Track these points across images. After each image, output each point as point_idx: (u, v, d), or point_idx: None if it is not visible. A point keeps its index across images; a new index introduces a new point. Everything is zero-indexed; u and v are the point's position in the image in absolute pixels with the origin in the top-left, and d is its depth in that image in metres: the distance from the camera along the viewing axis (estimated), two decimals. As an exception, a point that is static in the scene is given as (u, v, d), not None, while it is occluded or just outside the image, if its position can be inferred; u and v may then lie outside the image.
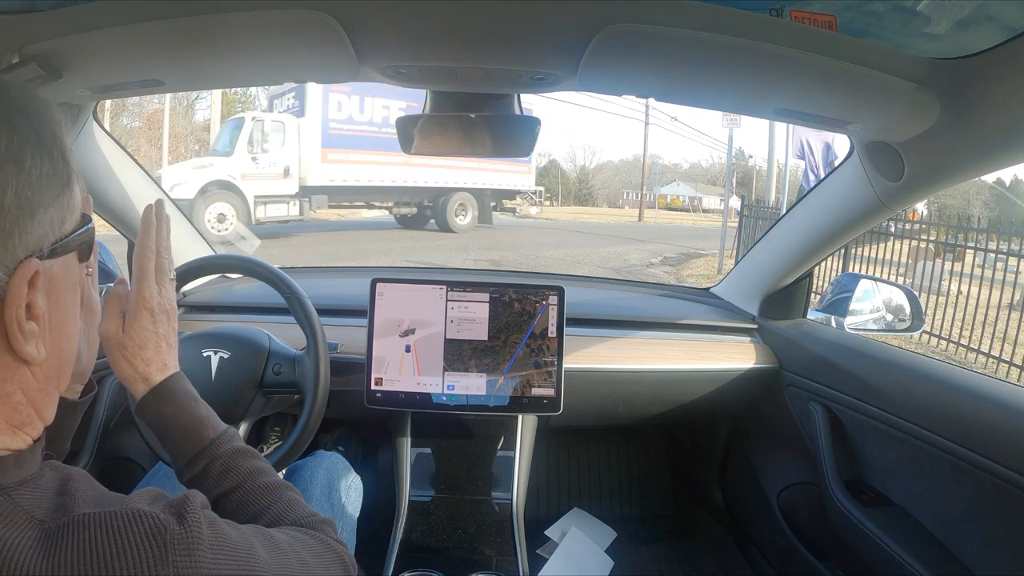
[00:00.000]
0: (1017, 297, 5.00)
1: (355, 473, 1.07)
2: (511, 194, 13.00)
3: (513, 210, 14.18)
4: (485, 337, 1.09)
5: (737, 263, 1.54)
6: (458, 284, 1.09)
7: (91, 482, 0.40)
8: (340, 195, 10.51)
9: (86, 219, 0.43)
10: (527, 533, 1.12)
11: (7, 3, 0.63)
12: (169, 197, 1.22)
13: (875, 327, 1.30)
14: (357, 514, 1.03)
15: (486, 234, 11.95)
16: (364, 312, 1.09)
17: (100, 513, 0.35)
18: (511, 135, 0.89)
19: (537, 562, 1.41)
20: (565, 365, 1.09)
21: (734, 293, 1.44)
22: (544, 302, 1.09)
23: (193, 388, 0.62)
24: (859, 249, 6.06)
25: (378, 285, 1.09)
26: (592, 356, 1.22)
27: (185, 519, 0.37)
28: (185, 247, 1.26)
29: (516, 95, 0.87)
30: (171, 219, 1.25)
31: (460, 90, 0.85)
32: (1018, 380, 4.04)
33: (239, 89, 21.51)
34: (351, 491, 1.03)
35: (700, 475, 1.62)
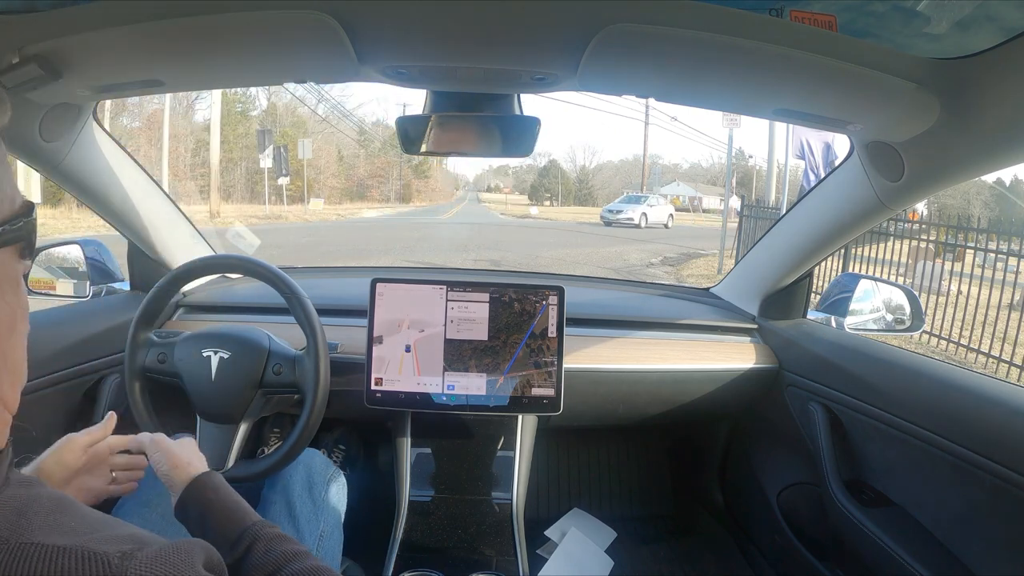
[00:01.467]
0: (1017, 297, 5.00)
1: (338, 470, 1.06)
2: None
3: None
4: (485, 337, 1.09)
5: (737, 263, 1.54)
6: (458, 284, 1.09)
7: (62, 506, 0.36)
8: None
9: (22, 211, 0.36)
10: (527, 533, 1.12)
11: (7, 3, 0.63)
12: (169, 197, 1.22)
13: (875, 327, 1.30)
14: (343, 509, 1.01)
15: (486, 234, 11.95)
16: (364, 312, 1.09)
17: (49, 547, 0.32)
18: (511, 135, 0.89)
19: (537, 562, 1.41)
20: (565, 365, 1.09)
21: (734, 293, 1.44)
22: (544, 302, 1.09)
23: (230, 487, 0.67)
24: (859, 249, 6.06)
25: (378, 285, 1.09)
26: (592, 356, 1.22)
27: (133, 562, 0.33)
28: (185, 247, 1.26)
29: (516, 95, 0.87)
30: (171, 219, 1.26)
31: (460, 90, 0.85)
32: (1018, 380, 4.04)
33: (239, 89, 21.54)
34: (332, 486, 1.02)
35: (700, 475, 1.62)
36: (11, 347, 0.37)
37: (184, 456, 0.69)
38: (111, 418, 0.75)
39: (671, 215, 20.24)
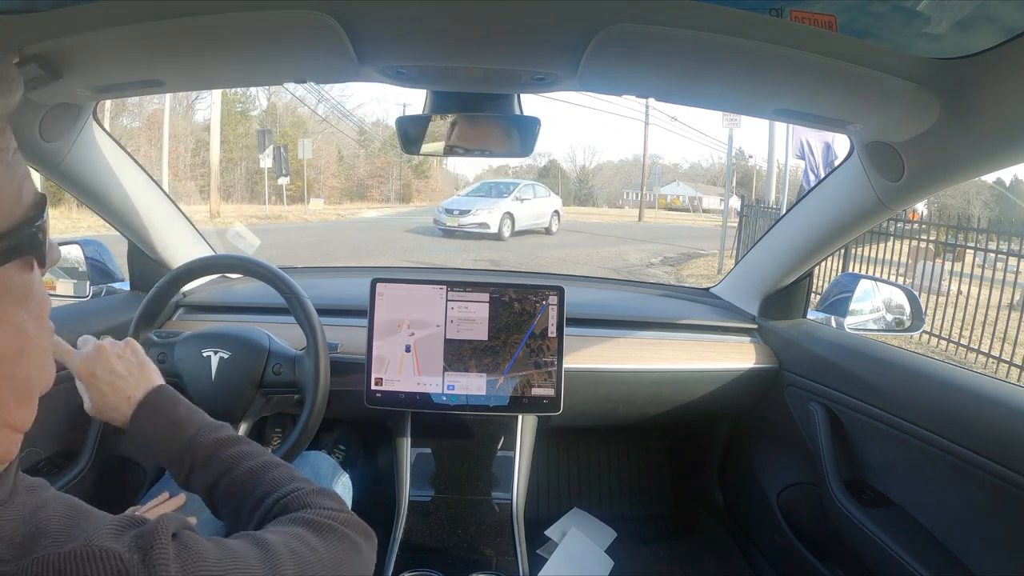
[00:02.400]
0: (1017, 297, 5.00)
1: (342, 471, 1.07)
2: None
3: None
4: (485, 337, 1.09)
5: (737, 263, 1.54)
6: (458, 284, 1.09)
7: (69, 510, 0.35)
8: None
9: (32, 214, 0.33)
10: (527, 533, 1.12)
11: (7, 3, 0.63)
12: (169, 197, 1.22)
13: (875, 327, 1.30)
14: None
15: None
16: (364, 312, 1.09)
17: (58, 555, 0.31)
18: (511, 135, 0.89)
19: (537, 562, 1.41)
20: (565, 365, 1.09)
21: (734, 293, 1.44)
22: (544, 302, 1.09)
23: (175, 394, 0.64)
24: (859, 249, 6.06)
25: (378, 285, 1.09)
26: (592, 356, 1.22)
27: (151, 555, 0.33)
28: (185, 247, 1.26)
29: (516, 95, 0.87)
30: (171, 218, 1.26)
31: (460, 90, 0.85)
32: (1018, 380, 4.04)
33: (239, 89, 21.53)
34: (338, 489, 1.03)
35: (700, 475, 1.62)
36: (20, 370, 0.34)
37: (109, 401, 0.63)
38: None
39: (556, 212, 13.59)
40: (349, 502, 1.05)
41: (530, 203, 12.66)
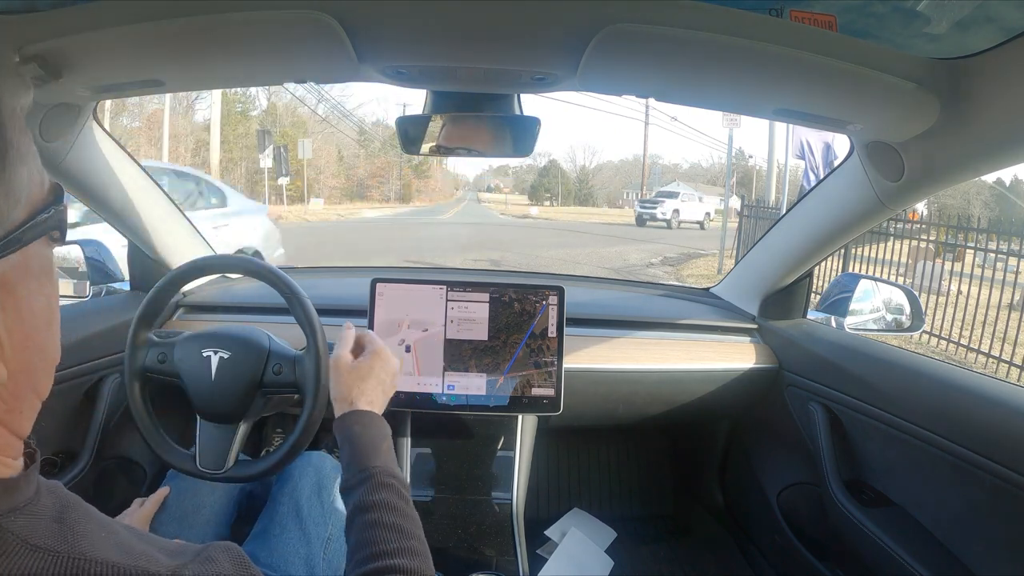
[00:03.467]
0: (1017, 297, 5.00)
1: None
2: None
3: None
4: (485, 337, 1.08)
5: (737, 263, 1.54)
6: (458, 284, 1.09)
7: (90, 513, 0.37)
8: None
9: (52, 196, 0.35)
10: (527, 533, 1.12)
11: (7, 3, 0.63)
12: (169, 197, 1.22)
13: (875, 327, 1.30)
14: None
15: (486, 233, 11.95)
16: (364, 312, 1.09)
17: (105, 565, 0.32)
18: (511, 135, 0.89)
19: (537, 562, 1.41)
20: (565, 365, 1.09)
21: (734, 293, 1.44)
22: (544, 302, 1.09)
23: (386, 431, 0.72)
24: (859, 249, 6.06)
25: (378, 285, 1.09)
26: (592, 356, 1.22)
27: None
28: (185, 247, 1.26)
29: (516, 95, 0.87)
30: (172, 218, 1.26)
31: (460, 90, 0.85)
32: (1018, 380, 4.04)
33: (239, 89, 21.53)
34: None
35: (700, 475, 1.62)
36: (49, 338, 0.37)
37: (357, 388, 0.76)
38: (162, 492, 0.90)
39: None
40: None
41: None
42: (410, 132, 0.89)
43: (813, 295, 1.34)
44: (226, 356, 0.93)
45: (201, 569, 0.36)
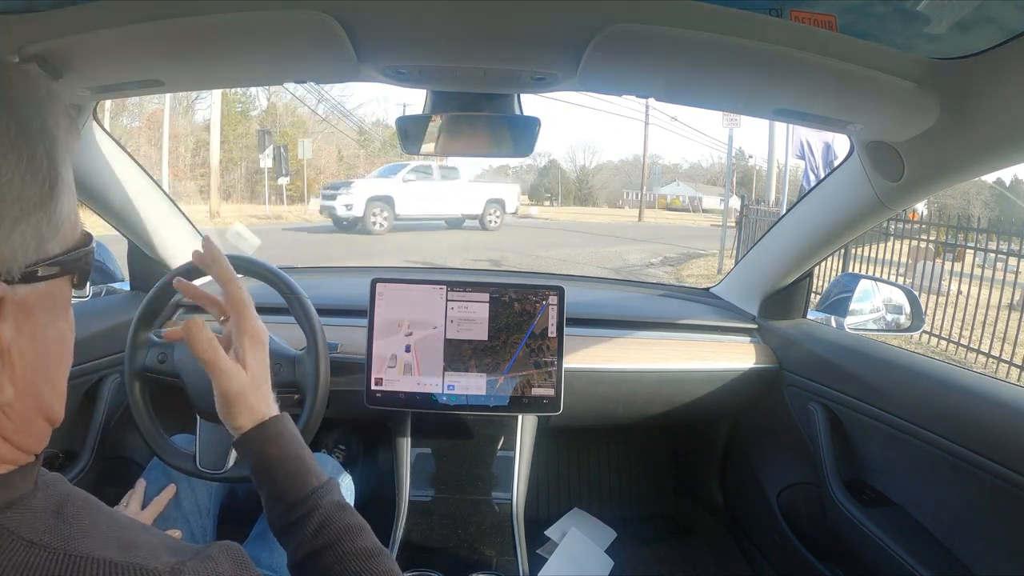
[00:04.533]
0: (1017, 297, 5.00)
1: (346, 473, 1.07)
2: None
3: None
4: (485, 337, 1.08)
5: (737, 263, 1.54)
6: (458, 284, 1.09)
7: (90, 505, 0.37)
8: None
9: (85, 240, 0.37)
10: (527, 533, 1.12)
11: (7, 3, 0.63)
12: (169, 197, 1.22)
13: (875, 327, 1.30)
14: None
15: (486, 233, 11.95)
16: (364, 312, 1.09)
17: (102, 562, 0.32)
18: (511, 135, 0.89)
19: (537, 562, 1.41)
20: (565, 365, 1.09)
21: (734, 293, 1.44)
22: (544, 302, 1.09)
23: (299, 432, 0.60)
24: (859, 249, 6.06)
25: (378, 285, 1.09)
26: (592, 356, 1.22)
27: None
28: (185, 247, 1.26)
29: (516, 95, 0.87)
30: (172, 218, 1.26)
31: (460, 90, 0.85)
32: (1018, 380, 4.04)
33: (239, 89, 21.53)
34: (342, 491, 1.03)
35: (700, 475, 1.62)
36: (59, 369, 0.38)
37: (254, 398, 0.57)
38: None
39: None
40: (352, 503, 1.05)
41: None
42: (410, 132, 0.89)
43: (813, 295, 1.34)
44: None
45: (200, 567, 0.36)
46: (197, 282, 1.31)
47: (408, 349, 1.08)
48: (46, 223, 0.33)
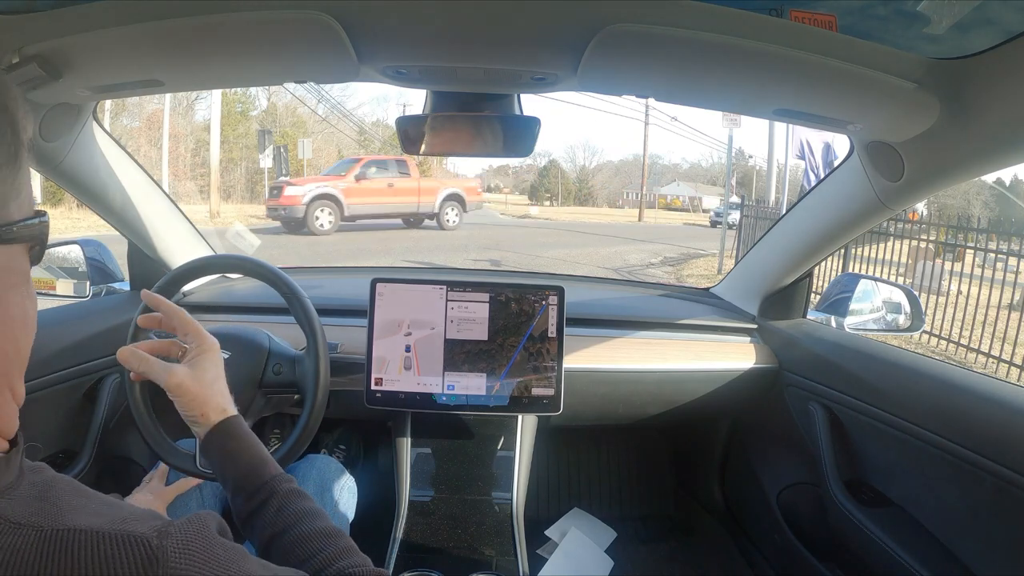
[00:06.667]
0: (1017, 297, 5.00)
1: (348, 474, 1.07)
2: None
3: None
4: (485, 337, 1.08)
5: (737, 263, 1.54)
6: (458, 284, 1.09)
7: (77, 489, 0.37)
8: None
9: (40, 214, 0.38)
10: (527, 533, 1.12)
11: (7, 3, 0.63)
12: (169, 197, 1.22)
13: (875, 327, 1.30)
14: (351, 515, 1.03)
15: (486, 233, 11.95)
16: (364, 312, 1.09)
17: (88, 532, 0.32)
18: (511, 135, 0.89)
19: (537, 562, 1.41)
20: (565, 365, 1.09)
21: (734, 293, 1.44)
22: (544, 302, 1.09)
23: (248, 434, 0.65)
24: (859, 249, 6.06)
25: (378, 285, 1.09)
26: (592, 356, 1.22)
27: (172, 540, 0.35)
28: (185, 247, 1.26)
29: (516, 95, 0.87)
30: (171, 219, 1.26)
31: (460, 90, 0.85)
32: (1018, 380, 4.04)
33: (239, 89, 21.51)
34: (344, 493, 1.03)
35: (700, 475, 1.62)
36: (23, 340, 0.38)
37: (211, 400, 0.64)
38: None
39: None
40: (353, 505, 1.05)
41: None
42: (410, 132, 0.89)
43: (813, 295, 1.34)
44: (226, 356, 0.93)
45: (187, 525, 0.37)
46: (197, 282, 1.32)
47: (408, 349, 1.08)
48: (11, 183, 0.34)
